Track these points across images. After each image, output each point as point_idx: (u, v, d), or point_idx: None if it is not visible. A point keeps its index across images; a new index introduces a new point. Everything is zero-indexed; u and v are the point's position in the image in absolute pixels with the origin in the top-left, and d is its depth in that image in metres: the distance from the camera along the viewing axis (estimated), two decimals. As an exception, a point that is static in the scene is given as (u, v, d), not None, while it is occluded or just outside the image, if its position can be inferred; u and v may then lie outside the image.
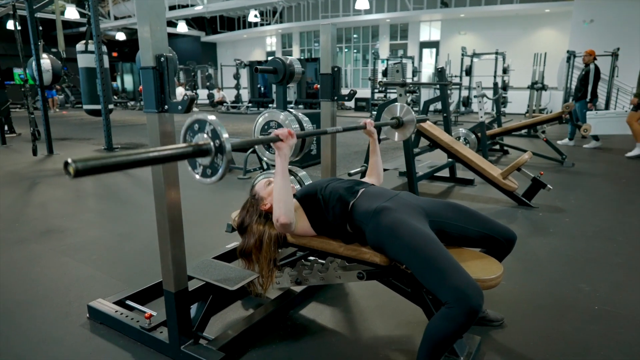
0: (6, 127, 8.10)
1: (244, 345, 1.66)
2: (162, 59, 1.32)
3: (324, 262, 1.77)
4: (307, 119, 2.40)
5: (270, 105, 11.42)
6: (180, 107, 1.31)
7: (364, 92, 15.95)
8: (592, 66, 6.69)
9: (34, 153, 5.68)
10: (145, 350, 1.64)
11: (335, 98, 2.27)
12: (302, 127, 2.36)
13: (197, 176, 1.22)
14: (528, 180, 3.63)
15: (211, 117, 1.15)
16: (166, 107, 1.35)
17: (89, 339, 1.73)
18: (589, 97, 6.48)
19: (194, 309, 1.68)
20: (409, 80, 15.06)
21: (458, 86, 12.87)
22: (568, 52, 10.49)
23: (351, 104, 16.21)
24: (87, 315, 1.88)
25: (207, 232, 2.99)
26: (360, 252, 1.57)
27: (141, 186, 4.39)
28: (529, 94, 11.52)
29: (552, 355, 1.63)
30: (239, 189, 4.26)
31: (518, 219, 3.31)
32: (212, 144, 1.15)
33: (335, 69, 2.23)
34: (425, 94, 14.27)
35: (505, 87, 11.02)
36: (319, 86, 2.29)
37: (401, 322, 1.85)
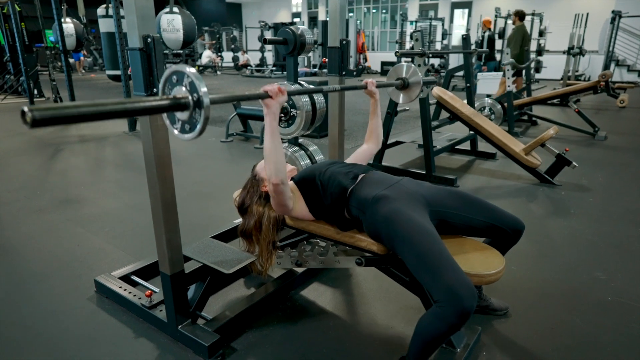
0: (35, 91, 8.29)
1: (241, 326, 1.67)
2: (149, 39, 1.27)
3: (325, 244, 1.75)
4: (318, 91, 2.32)
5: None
6: (168, 90, 1.26)
7: (391, 56, 15.40)
8: (486, 34, 7.71)
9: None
10: (146, 328, 1.68)
11: (344, 73, 2.17)
12: (312, 100, 2.28)
13: (176, 131, 1.16)
14: (552, 156, 3.45)
15: (189, 69, 1.08)
16: (155, 90, 1.31)
17: (94, 313, 1.79)
18: (483, 60, 6.90)
19: (192, 288, 1.70)
20: (437, 45, 14.44)
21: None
22: (613, 12, 9.74)
23: (377, 67, 15.73)
24: (95, 289, 1.94)
25: (218, 205, 3.00)
26: (357, 239, 1.53)
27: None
28: (565, 59, 10.86)
29: (556, 349, 1.57)
30: (255, 159, 4.24)
31: (538, 197, 3.18)
32: (190, 97, 1.08)
33: (344, 42, 2.11)
34: (454, 61, 13.67)
35: (540, 51, 10.40)
36: (327, 60, 2.19)
37: (402, 307, 1.82)
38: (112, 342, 1.61)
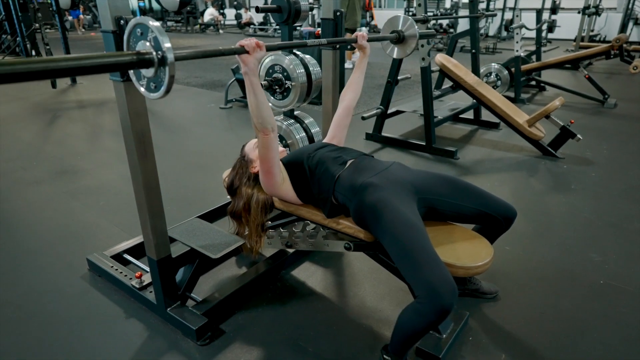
0: (33, 53, 8.12)
1: (230, 308, 1.69)
2: (123, 22, 1.19)
3: (315, 225, 1.73)
4: (314, 61, 2.24)
5: (298, 27, 10.81)
6: (144, 75, 1.20)
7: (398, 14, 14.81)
8: None
9: (53, 86, 5.71)
10: (137, 308, 1.70)
11: (337, 47, 2.07)
12: (308, 71, 2.22)
13: (142, 89, 1.11)
14: (557, 128, 3.35)
15: (153, 23, 0.99)
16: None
17: (87, 292, 1.81)
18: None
19: (181, 270, 1.70)
20: (447, 3, 13.85)
21: (500, 10, 11.77)
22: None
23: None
24: (88, 267, 1.95)
25: (214, 178, 2.98)
26: (345, 226, 1.51)
27: (160, 125, 4.34)
28: (580, 19, 10.39)
29: (543, 335, 1.57)
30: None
31: (539, 171, 3.11)
32: (154, 54, 1.00)
33: (338, 14, 2.00)
34: (464, 21, 13.12)
35: (555, 9, 9.94)
36: (320, 32, 2.08)
37: (392, 289, 1.82)
38: (103, 322, 1.64)
